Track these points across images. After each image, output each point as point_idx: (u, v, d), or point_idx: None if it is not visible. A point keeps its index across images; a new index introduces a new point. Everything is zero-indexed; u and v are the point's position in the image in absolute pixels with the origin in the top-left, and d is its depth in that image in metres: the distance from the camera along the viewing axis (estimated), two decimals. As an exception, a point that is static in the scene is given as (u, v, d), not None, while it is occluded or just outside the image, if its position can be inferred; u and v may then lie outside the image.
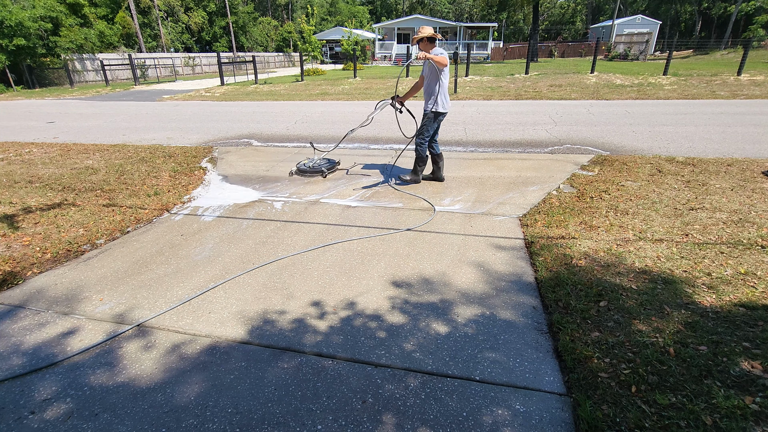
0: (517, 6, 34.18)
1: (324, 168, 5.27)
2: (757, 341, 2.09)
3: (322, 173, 5.24)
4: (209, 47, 43.37)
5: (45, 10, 21.42)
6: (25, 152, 7.00)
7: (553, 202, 4.20)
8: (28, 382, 2.03)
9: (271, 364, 2.11)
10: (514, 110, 10.19)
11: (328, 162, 5.51)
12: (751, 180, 4.59)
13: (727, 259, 2.93)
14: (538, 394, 1.88)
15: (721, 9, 42.88)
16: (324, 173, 5.24)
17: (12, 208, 4.36)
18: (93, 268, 3.15)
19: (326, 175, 5.25)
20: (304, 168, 5.32)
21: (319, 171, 5.25)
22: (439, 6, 64.29)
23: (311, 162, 5.46)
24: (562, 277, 2.76)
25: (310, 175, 5.27)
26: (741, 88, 12.40)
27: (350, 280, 2.87)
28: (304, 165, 5.40)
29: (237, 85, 19.55)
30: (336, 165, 5.53)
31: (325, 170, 5.25)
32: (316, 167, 5.30)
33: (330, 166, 5.40)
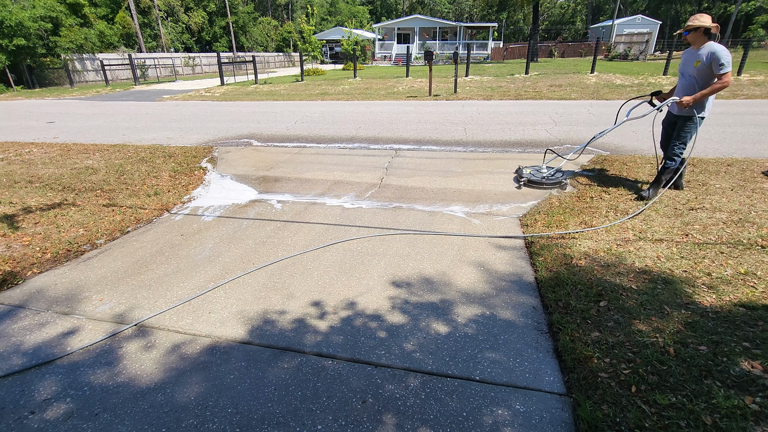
0: (517, 6, 34.22)
1: (561, 178, 4.51)
2: (757, 341, 2.09)
3: (560, 183, 4.47)
4: (209, 47, 43.37)
5: (45, 10, 21.43)
6: (25, 152, 7.00)
7: (553, 202, 4.20)
8: (28, 381, 2.03)
9: (271, 364, 2.11)
10: (514, 110, 10.19)
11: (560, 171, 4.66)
12: (751, 180, 4.59)
13: (727, 259, 2.93)
14: (538, 394, 1.88)
15: (721, 9, 42.89)
16: (563, 183, 4.48)
17: (12, 208, 4.36)
18: (93, 268, 3.15)
19: (566, 186, 4.49)
20: (536, 179, 4.49)
21: (557, 182, 4.47)
22: (439, 6, 64.30)
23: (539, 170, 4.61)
24: (562, 277, 2.76)
25: (547, 187, 4.46)
26: (741, 88, 12.40)
27: (350, 280, 2.87)
28: (532, 175, 4.55)
29: (237, 85, 19.56)
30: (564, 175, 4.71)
31: (564, 181, 4.49)
32: (551, 178, 4.47)
33: (564, 176, 4.60)
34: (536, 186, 4.51)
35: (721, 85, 3.52)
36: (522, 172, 4.71)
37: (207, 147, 7.18)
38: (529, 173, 4.64)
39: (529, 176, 4.57)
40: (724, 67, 3.43)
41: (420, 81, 17.18)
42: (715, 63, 3.47)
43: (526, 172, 4.66)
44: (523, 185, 4.57)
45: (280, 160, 6.22)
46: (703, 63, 3.53)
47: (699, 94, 3.62)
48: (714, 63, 3.48)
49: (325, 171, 5.63)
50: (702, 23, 3.49)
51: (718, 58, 3.44)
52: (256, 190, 4.94)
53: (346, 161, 6.11)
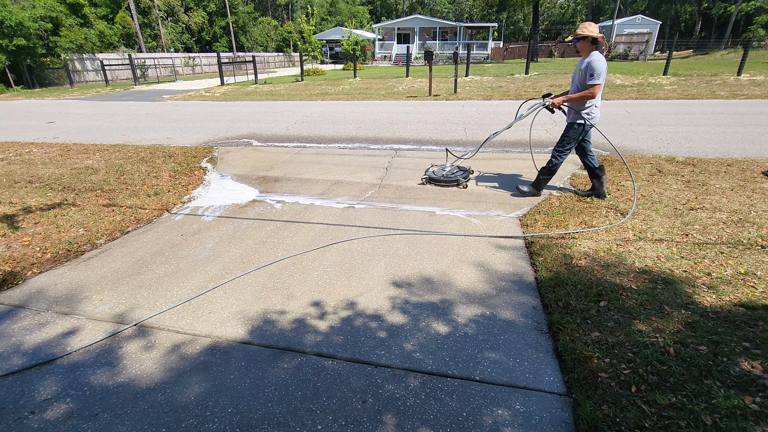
0: (517, 6, 34.19)
1: (461, 177, 4.69)
2: (757, 341, 2.09)
3: (458, 182, 4.66)
4: (209, 47, 43.37)
5: (45, 10, 21.43)
6: (25, 152, 7.00)
7: (553, 202, 4.20)
8: (28, 381, 2.03)
9: (271, 364, 2.11)
10: (514, 110, 10.16)
11: (461, 170, 4.87)
12: (751, 180, 4.59)
13: (727, 259, 2.93)
14: (538, 394, 1.88)
15: (721, 9, 42.88)
16: (460, 182, 4.66)
17: (12, 208, 4.36)
18: (93, 268, 3.15)
19: (463, 184, 4.65)
20: (436, 176, 4.72)
21: (454, 180, 4.67)
22: (439, 6, 64.30)
23: (443, 169, 4.83)
24: (562, 277, 2.76)
25: (444, 184, 4.69)
26: (741, 88, 12.40)
27: (350, 280, 2.87)
28: (434, 173, 4.79)
29: (237, 85, 19.56)
30: (469, 174, 4.90)
31: (462, 179, 4.67)
32: (450, 176, 4.70)
33: (465, 174, 4.80)
34: (435, 183, 4.73)
35: (587, 93, 3.67)
36: (428, 170, 4.93)
37: (207, 147, 7.18)
38: (432, 171, 4.85)
39: (431, 174, 4.80)
40: (593, 78, 3.59)
41: (420, 81, 17.18)
42: (587, 73, 3.62)
43: (430, 170, 4.87)
44: (425, 182, 4.80)
45: (280, 160, 6.22)
46: (583, 72, 3.68)
47: (564, 98, 3.81)
48: (586, 73, 3.64)
49: (325, 171, 5.63)
50: (589, 33, 3.60)
51: (591, 69, 3.59)
52: (256, 190, 4.94)
53: (346, 161, 6.11)
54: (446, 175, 4.69)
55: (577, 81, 3.80)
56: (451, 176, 4.66)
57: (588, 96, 3.68)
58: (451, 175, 4.67)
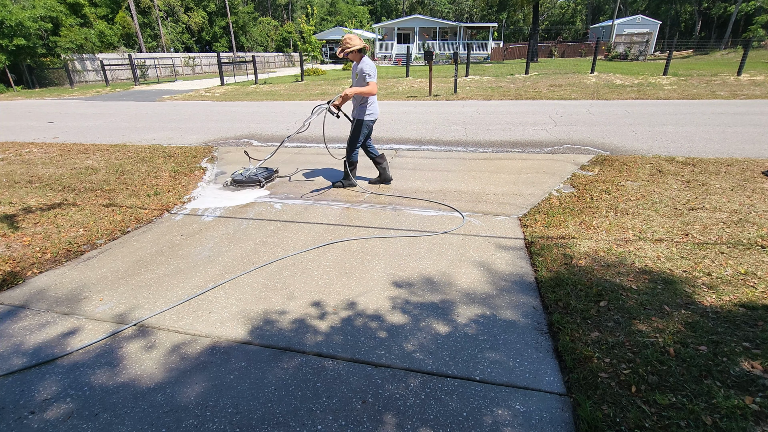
0: (517, 6, 34.20)
1: (261, 177, 5.06)
2: (757, 341, 2.09)
3: (260, 183, 5.03)
4: (209, 47, 43.37)
5: (45, 10, 21.43)
6: (25, 152, 7.00)
7: (553, 202, 4.20)
8: (28, 381, 2.03)
9: (271, 364, 2.11)
10: (514, 110, 10.19)
11: (266, 171, 5.27)
12: (751, 180, 4.59)
13: (727, 259, 2.93)
14: (538, 394, 1.88)
15: (721, 9, 42.89)
16: (261, 182, 5.03)
17: (12, 208, 4.36)
18: (93, 268, 3.15)
19: (264, 184, 5.04)
20: (240, 178, 5.04)
21: (256, 181, 5.03)
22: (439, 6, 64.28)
23: (248, 171, 5.17)
24: (562, 277, 2.76)
25: (247, 185, 5.02)
26: (741, 88, 12.41)
27: (350, 280, 2.87)
28: (240, 174, 5.11)
29: (237, 85, 19.56)
30: (274, 173, 5.33)
31: (262, 179, 5.05)
32: (252, 176, 5.05)
33: (268, 174, 5.17)
34: (238, 185, 5.01)
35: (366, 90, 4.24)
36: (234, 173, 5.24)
37: (207, 147, 7.18)
38: (238, 173, 5.15)
39: (234, 176, 5.11)
40: (370, 77, 4.26)
41: (420, 81, 17.18)
42: (362, 75, 4.28)
43: (237, 172, 5.19)
44: (229, 184, 5.08)
45: (280, 160, 6.22)
46: (360, 75, 4.31)
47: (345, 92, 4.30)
48: (361, 75, 4.29)
49: (318, 169, 5.63)
50: (354, 45, 4.25)
51: (364, 71, 4.26)
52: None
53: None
54: (247, 177, 5.04)
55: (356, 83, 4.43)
56: (252, 177, 5.03)
57: (367, 90, 4.24)
58: (253, 177, 5.04)
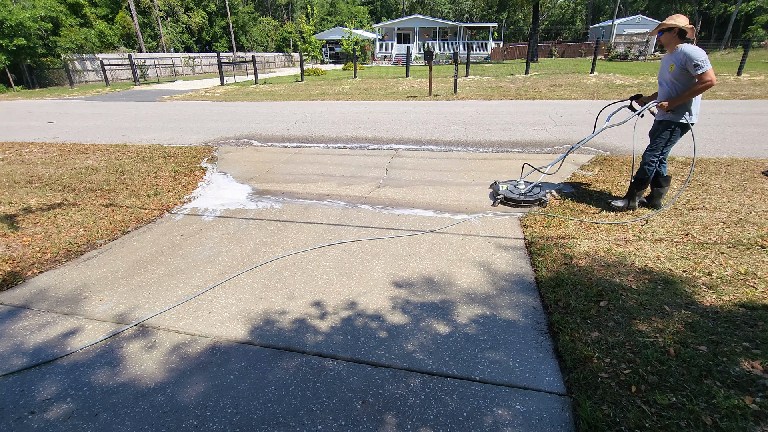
0: (517, 6, 34.20)
1: (543, 196, 4.08)
2: (757, 341, 2.09)
3: (540, 201, 4.06)
4: (209, 47, 43.36)
5: (45, 10, 21.44)
6: (25, 152, 7.00)
7: (553, 202, 4.19)
8: (28, 381, 2.03)
9: (271, 364, 2.11)
10: (514, 110, 10.19)
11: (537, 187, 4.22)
12: (751, 180, 4.59)
13: (727, 259, 2.93)
14: (538, 394, 1.88)
15: (721, 9, 42.88)
16: (543, 201, 4.06)
17: (12, 208, 4.36)
18: (93, 268, 3.15)
19: (545, 203, 4.06)
20: (517, 197, 4.05)
21: (536, 200, 4.06)
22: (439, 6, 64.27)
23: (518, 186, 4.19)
24: (562, 277, 2.76)
25: (525, 205, 4.04)
26: (741, 88, 12.40)
27: (350, 280, 2.87)
28: (510, 191, 4.11)
29: (237, 85, 19.56)
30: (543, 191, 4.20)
31: (544, 198, 4.07)
32: (530, 195, 4.05)
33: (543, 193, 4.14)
34: (514, 204, 4.10)
35: (703, 85, 3.21)
36: (498, 188, 4.28)
37: (207, 147, 7.18)
38: (506, 189, 4.22)
39: (506, 193, 4.16)
40: (700, 66, 3.17)
41: (420, 81, 17.18)
42: (689, 64, 3.20)
43: (502, 188, 4.24)
44: (499, 203, 4.18)
45: (280, 160, 6.22)
46: (678, 66, 3.30)
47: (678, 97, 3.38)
48: (688, 64, 3.21)
49: (325, 171, 5.63)
50: (676, 23, 3.27)
51: (692, 59, 3.18)
52: (257, 190, 4.94)
53: (346, 161, 6.11)
54: (525, 194, 4.09)
55: (670, 79, 3.39)
56: (530, 195, 4.07)
57: (706, 85, 3.20)
58: (530, 194, 4.08)
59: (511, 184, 4.27)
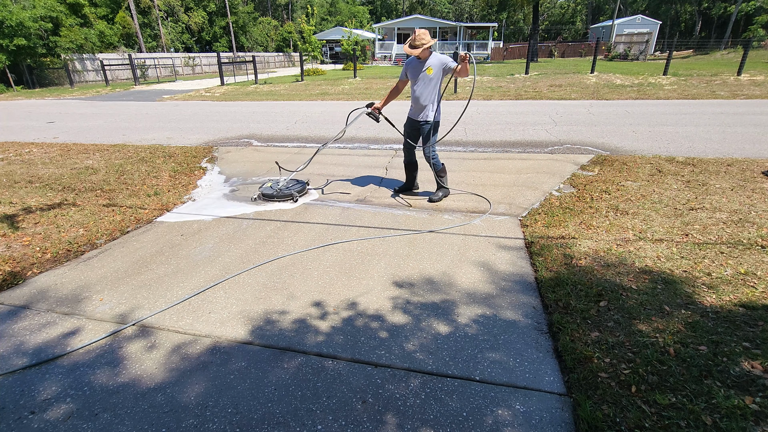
0: (517, 6, 34.19)
1: (295, 191, 4.50)
2: (757, 341, 2.09)
3: (293, 197, 4.47)
4: (209, 47, 43.37)
5: (45, 10, 21.43)
6: (25, 152, 7.00)
7: (553, 202, 4.20)
8: (28, 381, 2.03)
9: (271, 364, 2.11)
10: (514, 110, 10.19)
11: (298, 183, 4.75)
12: (751, 180, 4.59)
13: (727, 259, 2.93)
14: (538, 394, 1.88)
15: (721, 9, 42.87)
16: (295, 197, 4.47)
17: (12, 208, 4.36)
18: (93, 268, 3.15)
19: (297, 199, 4.48)
20: (270, 192, 4.53)
21: (288, 195, 4.48)
22: (439, 6, 64.28)
23: (277, 184, 4.67)
24: (562, 277, 2.76)
25: (278, 200, 4.50)
26: (741, 88, 12.40)
27: (350, 280, 2.87)
28: (269, 188, 4.60)
29: (237, 85, 19.55)
30: (306, 185, 4.75)
31: (295, 194, 4.48)
32: (284, 190, 4.54)
33: (301, 188, 4.63)
34: (269, 199, 4.50)
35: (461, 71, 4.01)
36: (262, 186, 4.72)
37: (207, 147, 7.18)
38: (267, 187, 4.65)
39: (263, 190, 4.59)
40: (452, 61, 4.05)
41: (420, 81, 17.15)
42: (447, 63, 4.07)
43: (265, 186, 4.69)
44: (257, 198, 4.55)
45: (281, 160, 6.22)
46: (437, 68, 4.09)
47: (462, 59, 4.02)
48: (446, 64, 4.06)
49: (325, 171, 5.63)
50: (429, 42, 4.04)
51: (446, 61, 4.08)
52: (256, 190, 4.93)
53: (346, 161, 6.11)
54: (279, 190, 4.54)
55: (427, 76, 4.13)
56: (284, 191, 4.53)
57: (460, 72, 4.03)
58: (285, 190, 4.55)
59: (274, 182, 4.75)
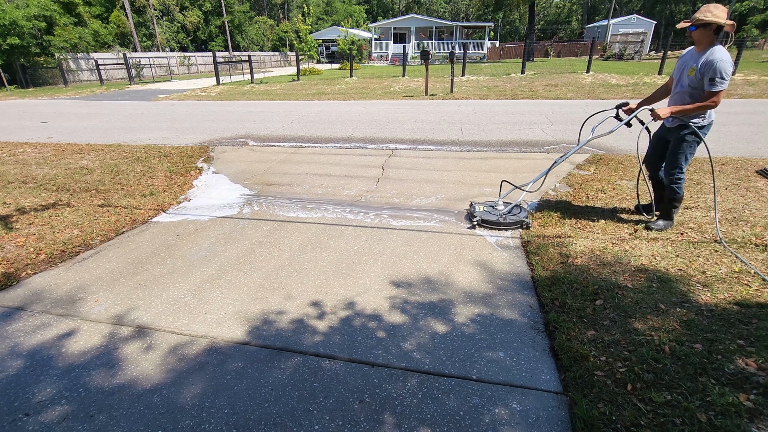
0: (513, 6, 34.25)
1: (524, 218, 3.62)
2: (752, 339, 2.11)
3: (522, 224, 3.60)
4: (205, 46, 43.18)
5: (39, 9, 21.26)
6: (19, 152, 6.94)
7: (550, 201, 4.21)
8: (22, 384, 2.01)
9: (268, 364, 2.11)
10: (510, 110, 10.22)
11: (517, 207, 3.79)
12: (745, 179, 4.63)
13: (722, 257, 2.95)
14: (535, 393, 1.88)
15: (716, 9, 43.07)
16: (524, 224, 3.60)
17: (5, 208, 4.33)
18: (88, 269, 3.13)
19: (528, 226, 3.60)
20: (497, 219, 3.60)
21: (519, 223, 3.60)
22: (435, 6, 64.34)
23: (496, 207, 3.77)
24: (559, 276, 2.77)
25: (505, 228, 3.59)
26: (735, 87, 12.49)
27: (347, 280, 2.87)
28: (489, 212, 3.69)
29: (233, 85, 19.48)
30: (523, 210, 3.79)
31: (525, 220, 3.60)
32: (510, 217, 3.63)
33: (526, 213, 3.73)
34: (492, 226, 3.63)
35: (707, 104, 2.83)
36: (475, 209, 3.81)
37: (203, 147, 7.15)
38: (482, 211, 3.75)
39: (483, 215, 3.68)
40: (715, 84, 2.70)
41: (416, 80, 17.18)
42: (707, 75, 2.75)
43: (479, 210, 3.77)
44: (476, 225, 3.67)
45: (277, 160, 6.20)
46: (697, 72, 2.83)
47: (679, 108, 2.95)
48: (706, 75, 2.76)
49: (321, 170, 5.63)
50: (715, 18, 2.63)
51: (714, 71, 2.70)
52: (253, 190, 4.92)
53: (342, 161, 6.10)
54: (504, 215, 3.66)
55: (688, 82, 2.92)
56: (510, 216, 3.65)
57: (709, 106, 2.82)
58: (509, 215, 3.68)
59: (488, 205, 3.87)
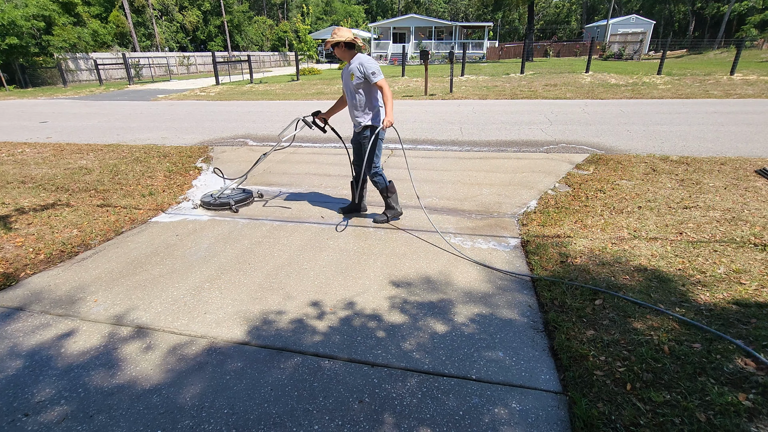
0: (512, 5, 34.26)
1: (232, 200, 4.31)
2: (750, 338, 2.11)
3: (230, 206, 4.28)
4: (204, 46, 43.16)
5: (38, 9, 21.24)
6: (18, 152, 6.93)
7: (549, 201, 4.21)
8: (21, 384, 2.01)
9: (267, 364, 2.11)
10: (509, 110, 10.22)
11: (243, 192, 4.55)
12: (744, 179, 4.63)
13: (721, 257, 2.95)
14: (534, 393, 1.88)
15: (714, 9, 43.20)
16: (232, 206, 4.27)
17: (4, 208, 4.32)
18: (87, 269, 3.13)
19: (236, 208, 4.27)
20: (210, 200, 4.35)
21: (226, 204, 4.29)
22: (434, 5, 64.37)
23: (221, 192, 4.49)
24: (558, 275, 2.78)
25: (215, 208, 4.32)
26: (734, 87, 12.51)
27: (347, 280, 2.87)
28: (211, 196, 4.43)
29: (232, 85, 19.47)
30: (251, 197, 4.54)
31: (232, 203, 4.28)
32: (223, 199, 4.34)
33: (244, 197, 4.42)
34: (207, 207, 4.35)
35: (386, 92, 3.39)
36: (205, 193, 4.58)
37: (202, 147, 7.14)
38: (208, 194, 4.51)
39: (203, 198, 4.46)
40: (375, 75, 3.38)
41: (416, 80, 17.18)
42: (368, 73, 3.39)
43: (207, 193, 4.56)
44: (199, 206, 4.42)
45: (276, 160, 6.20)
46: (357, 77, 3.43)
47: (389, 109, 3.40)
48: (367, 74, 3.40)
49: (321, 170, 5.62)
50: (341, 37, 3.39)
51: (368, 69, 3.38)
52: (252, 190, 4.92)
53: (341, 161, 6.10)
54: (216, 198, 4.37)
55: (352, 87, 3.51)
56: (221, 199, 4.36)
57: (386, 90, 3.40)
58: (221, 198, 4.38)
59: (219, 191, 4.55)
